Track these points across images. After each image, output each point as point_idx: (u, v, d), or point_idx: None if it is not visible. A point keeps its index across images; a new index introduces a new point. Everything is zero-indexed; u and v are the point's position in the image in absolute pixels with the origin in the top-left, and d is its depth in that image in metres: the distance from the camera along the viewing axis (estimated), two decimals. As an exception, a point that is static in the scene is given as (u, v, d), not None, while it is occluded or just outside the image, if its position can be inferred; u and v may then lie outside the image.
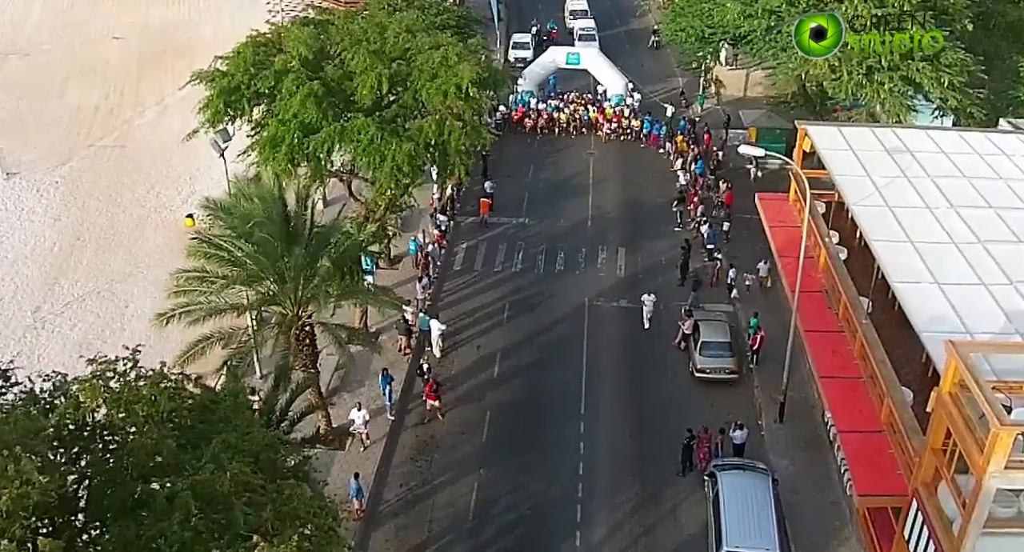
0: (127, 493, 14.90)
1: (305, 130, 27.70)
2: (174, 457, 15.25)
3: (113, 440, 16.06)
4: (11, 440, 13.21)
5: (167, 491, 13.99)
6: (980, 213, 28.64)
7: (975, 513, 19.56)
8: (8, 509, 11.44)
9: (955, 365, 20.41)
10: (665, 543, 26.38)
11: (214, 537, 13.10)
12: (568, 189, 44.16)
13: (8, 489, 11.78)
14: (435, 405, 29.82)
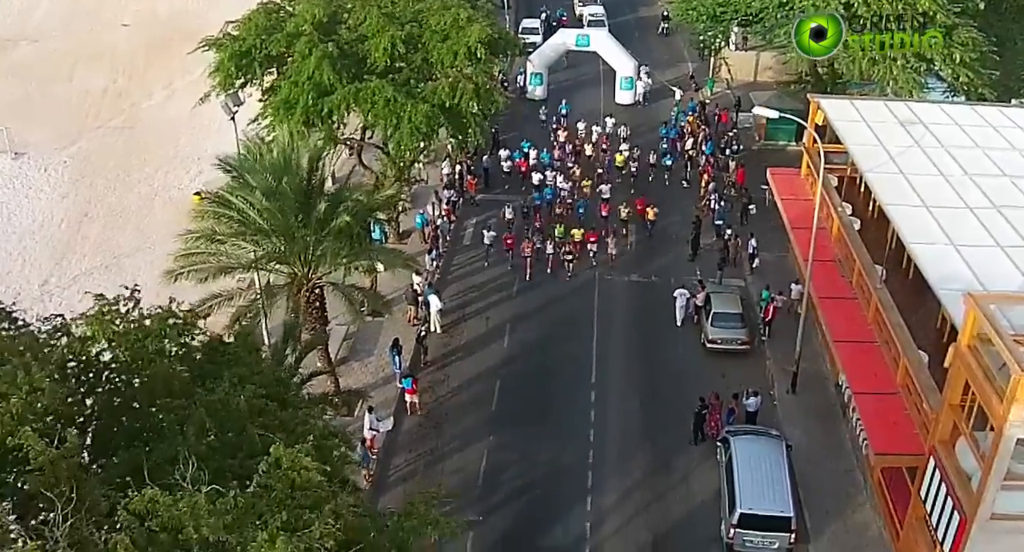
0: (137, 421, 14.67)
1: (319, 92, 27.56)
2: (186, 388, 15.03)
3: (120, 379, 15.83)
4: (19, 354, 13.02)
5: (179, 415, 13.74)
6: (995, 181, 28.41)
7: (995, 466, 19.27)
8: (18, 412, 11.22)
9: (974, 317, 20.14)
10: (677, 508, 26.15)
11: (228, 457, 12.84)
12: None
13: (17, 394, 11.57)
14: (414, 401, 29.12)
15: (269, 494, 10.80)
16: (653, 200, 38.82)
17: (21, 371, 12.07)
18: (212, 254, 25.55)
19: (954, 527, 20.61)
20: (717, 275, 35.09)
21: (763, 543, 24.05)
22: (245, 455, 13.08)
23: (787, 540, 23.96)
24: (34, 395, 11.74)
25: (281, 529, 9.86)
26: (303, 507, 10.58)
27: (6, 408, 11.24)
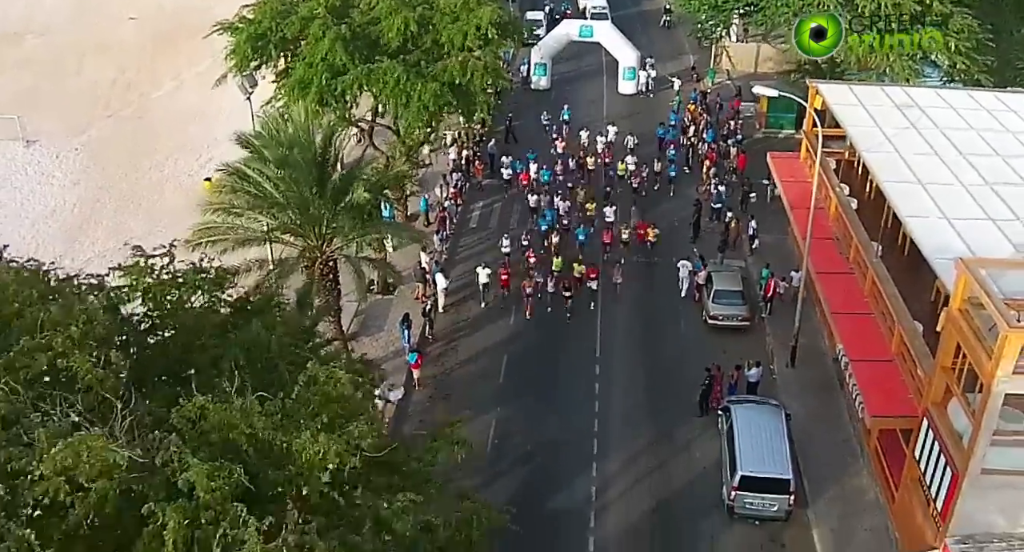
0: (171, 363, 15.54)
1: (333, 72, 28.63)
2: (217, 331, 15.97)
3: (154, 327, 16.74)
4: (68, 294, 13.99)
5: (213, 354, 14.63)
6: (988, 161, 29.39)
7: (984, 422, 20.25)
8: (76, 338, 12.17)
9: (965, 280, 21.16)
10: (679, 475, 27.12)
11: (261, 391, 13.77)
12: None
13: (75, 323, 12.52)
14: (416, 375, 29.89)
15: (307, 405, 11.76)
16: (653, 220, 37.77)
17: (78, 301, 13.04)
18: (230, 227, 26.48)
19: (946, 484, 21.60)
20: (718, 256, 36.06)
21: (763, 505, 25.04)
22: (277, 389, 14.03)
23: (786, 502, 24.94)
24: (90, 325, 12.70)
25: (322, 430, 10.83)
26: (340, 416, 11.55)
27: (65, 334, 12.21)
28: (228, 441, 10.44)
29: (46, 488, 9.50)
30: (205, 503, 9.61)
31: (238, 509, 9.54)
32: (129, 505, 9.84)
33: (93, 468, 9.60)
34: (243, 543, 9.22)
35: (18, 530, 9.19)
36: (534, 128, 47.18)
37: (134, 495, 9.90)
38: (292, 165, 25.95)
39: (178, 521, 9.35)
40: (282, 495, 9.97)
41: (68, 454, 9.56)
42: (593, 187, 40.79)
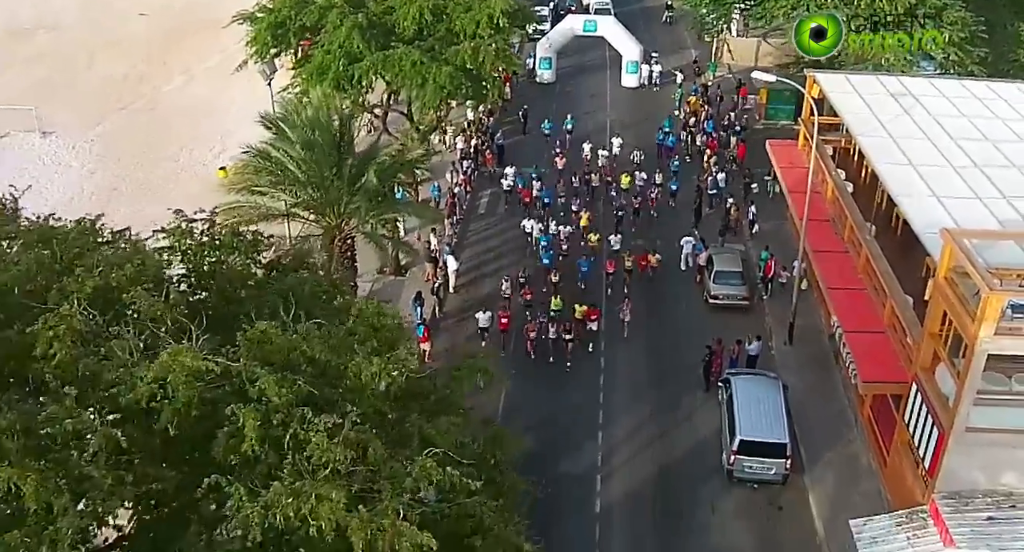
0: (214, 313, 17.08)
1: (350, 59, 30.30)
2: (257, 286, 17.53)
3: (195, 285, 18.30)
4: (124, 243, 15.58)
5: (253, 302, 16.16)
6: (978, 145, 30.95)
7: (968, 381, 21.80)
8: (131, 276, 13.75)
9: (950, 249, 22.76)
10: (681, 443, 28.73)
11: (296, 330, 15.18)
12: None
13: (129, 265, 14.12)
14: (426, 348, 30.80)
15: (355, 334, 13.30)
16: (654, 242, 37.29)
17: (131, 245, 14.65)
18: (253, 207, 28.06)
19: (933, 443, 23.16)
20: (719, 240, 37.65)
21: (761, 469, 26.66)
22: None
23: (783, 466, 26.55)
24: (143, 266, 14.29)
25: (372, 353, 12.37)
26: (385, 343, 13.10)
27: (121, 273, 13.80)
28: (288, 362, 11.97)
29: (138, 395, 11.08)
30: (275, 407, 11.15)
31: (304, 411, 11.09)
32: (207, 411, 11.40)
33: (180, 377, 11.16)
34: (310, 439, 10.76)
35: (106, 429, 10.75)
36: (536, 135, 47.18)
37: (211, 402, 11.46)
38: (313, 147, 27.50)
39: (254, 421, 10.89)
40: (339, 406, 11.51)
41: (161, 365, 11.13)
42: (594, 212, 39.38)
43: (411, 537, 10.12)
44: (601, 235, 37.10)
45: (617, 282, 35.23)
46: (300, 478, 10.38)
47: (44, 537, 9.72)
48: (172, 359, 11.16)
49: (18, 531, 9.75)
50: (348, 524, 9.95)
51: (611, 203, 39.92)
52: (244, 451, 10.82)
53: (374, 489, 10.64)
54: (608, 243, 36.78)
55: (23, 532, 9.75)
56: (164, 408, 11.09)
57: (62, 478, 10.07)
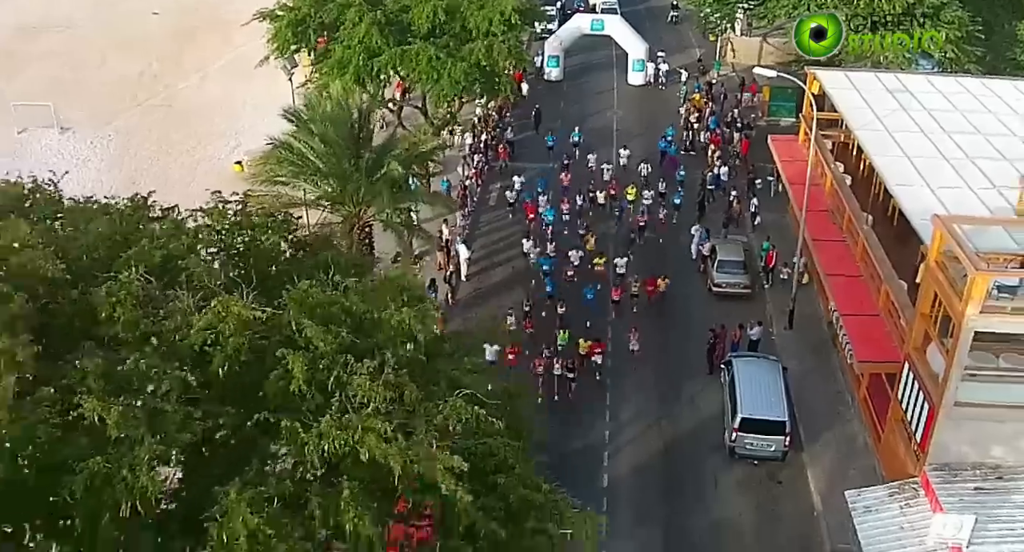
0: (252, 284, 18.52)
1: (369, 53, 31.89)
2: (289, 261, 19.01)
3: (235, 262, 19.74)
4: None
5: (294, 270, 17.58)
6: (970, 138, 32.45)
7: (956, 357, 23.24)
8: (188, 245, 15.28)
9: (940, 234, 24.22)
10: (685, 422, 30.21)
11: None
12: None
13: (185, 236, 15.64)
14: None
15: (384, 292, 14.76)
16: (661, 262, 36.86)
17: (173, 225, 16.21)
18: (275, 196, 29.54)
19: (924, 417, 24.61)
20: (723, 232, 39.11)
21: (761, 445, 28.11)
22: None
23: (782, 443, 28.00)
24: (197, 237, 15.79)
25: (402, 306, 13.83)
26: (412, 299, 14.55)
27: (179, 243, 15.34)
28: (329, 315, 13.40)
29: (193, 340, 12.55)
30: (320, 353, 12.60)
31: (347, 357, 12.53)
32: (256, 357, 12.86)
33: (229, 326, 12.62)
34: (352, 381, 12.17)
35: (175, 372, 12.20)
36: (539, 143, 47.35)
37: (260, 350, 12.92)
38: (333, 138, 28.99)
39: (301, 364, 12.32)
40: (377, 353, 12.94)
41: (214, 314, 12.59)
42: (599, 234, 38.51)
43: (444, 462, 11.53)
44: (607, 258, 36.32)
45: (624, 309, 34.58)
46: (345, 414, 11.82)
47: (124, 462, 11.17)
48: (223, 307, 12.63)
49: (101, 457, 11.21)
50: (387, 453, 11.36)
51: (617, 220, 39.80)
52: (292, 391, 12.27)
53: (410, 427, 12.05)
54: (614, 267, 35.88)
55: (105, 458, 11.20)
56: (216, 354, 12.55)
57: (138, 413, 11.52)
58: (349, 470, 11.59)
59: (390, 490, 12.01)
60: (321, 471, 11.48)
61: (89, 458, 11.18)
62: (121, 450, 11.25)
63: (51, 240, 15.13)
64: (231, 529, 10.44)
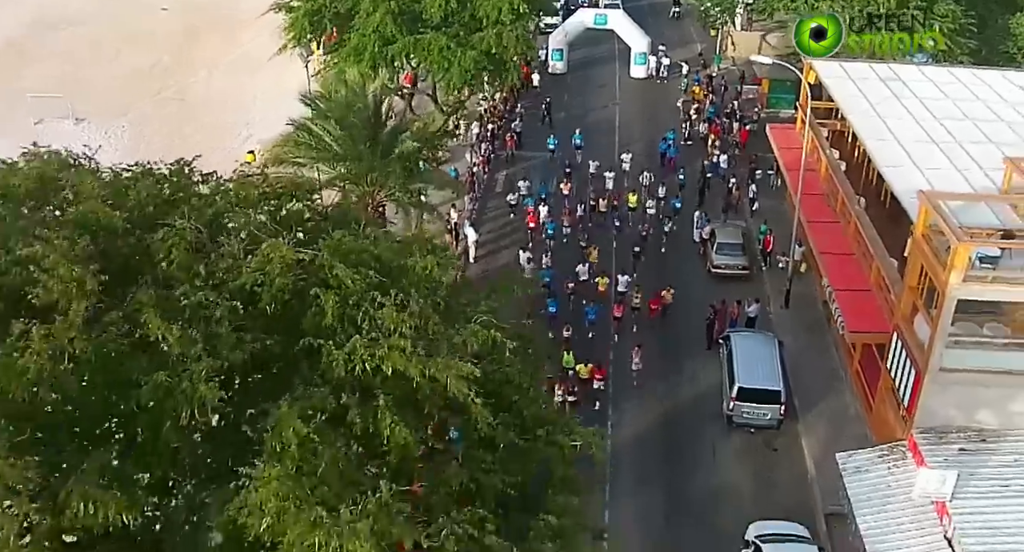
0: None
1: (384, 41, 33.60)
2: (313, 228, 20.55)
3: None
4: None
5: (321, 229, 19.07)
6: (960, 123, 34.02)
7: (940, 324, 24.79)
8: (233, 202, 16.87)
9: (926, 209, 25.80)
10: (685, 394, 31.78)
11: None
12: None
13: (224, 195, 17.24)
14: None
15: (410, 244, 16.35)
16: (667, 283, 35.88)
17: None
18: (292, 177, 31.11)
19: (912, 383, 26.15)
20: (722, 217, 40.73)
21: (757, 414, 29.69)
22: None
23: (777, 411, 29.59)
24: (239, 197, 17.41)
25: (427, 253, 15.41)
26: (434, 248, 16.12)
27: (225, 200, 16.94)
28: (360, 260, 14.92)
29: (244, 280, 14.11)
30: (350, 292, 14.14)
31: (375, 295, 14.06)
32: (296, 297, 14.44)
33: (275, 268, 14.17)
34: (380, 314, 13.71)
35: (228, 303, 13.76)
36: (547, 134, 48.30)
37: (300, 291, 14.47)
38: (349, 121, 30.64)
39: (334, 301, 13.86)
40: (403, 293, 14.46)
41: (263, 256, 14.17)
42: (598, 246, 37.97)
43: (458, 369, 13.02)
44: (609, 276, 35.89)
45: (626, 327, 34.40)
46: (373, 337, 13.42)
47: (184, 376, 12.70)
48: (271, 250, 14.21)
49: (164, 372, 12.75)
50: (409, 365, 12.92)
51: (618, 233, 39.72)
52: (326, 325, 13.83)
53: (431, 350, 13.58)
54: (616, 283, 35.49)
55: (167, 373, 12.74)
56: (263, 293, 14.11)
57: (196, 335, 13.07)
58: (380, 388, 13.12)
59: (419, 409, 13.53)
60: (356, 394, 12.99)
61: (153, 373, 12.75)
62: (181, 367, 12.80)
63: (107, 195, 16.73)
64: (283, 437, 11.98)
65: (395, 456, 12.73)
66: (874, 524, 24.48)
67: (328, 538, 11.08)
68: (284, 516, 11.48)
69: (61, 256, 13.47)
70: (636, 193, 41.59)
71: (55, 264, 13.27)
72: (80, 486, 11.57)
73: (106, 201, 16.38)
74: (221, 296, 13.79)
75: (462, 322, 14.52)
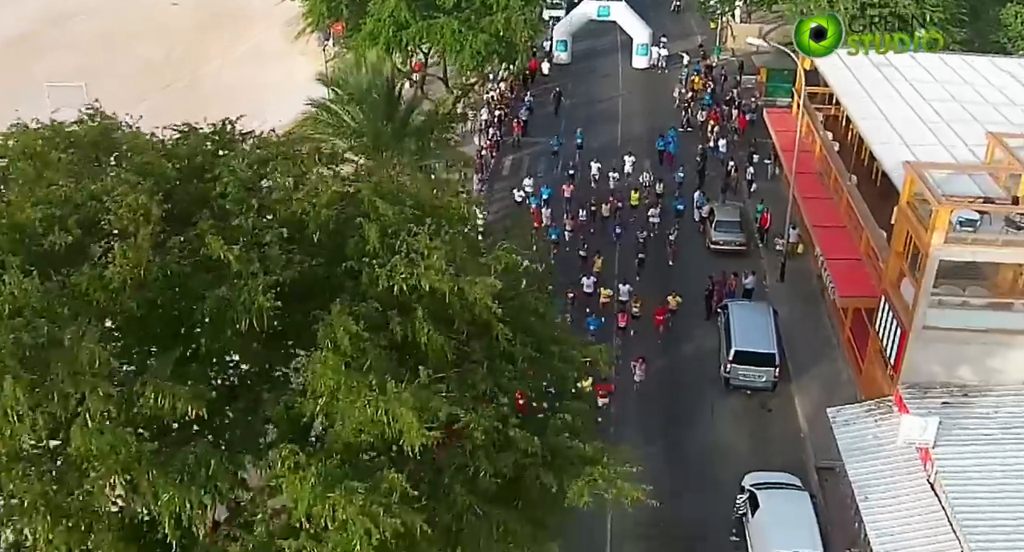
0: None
1: (398, 26, 35.75)
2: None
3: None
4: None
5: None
6: (947, 105, 35.99)
7: (924, 284, 26.74)
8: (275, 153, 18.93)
9: (911, 179, 27.80)
10: (686, 356, 33.70)
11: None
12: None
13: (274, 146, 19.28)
14: None
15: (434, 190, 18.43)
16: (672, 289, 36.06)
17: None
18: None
19: (898, 341, 28.11)
20: (721, 198, 42.76)
21: (753, 376, 31.69)
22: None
23: (772, 374, 31.61)
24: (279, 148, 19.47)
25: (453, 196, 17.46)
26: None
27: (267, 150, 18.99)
28: (396, 198, 16.91)
29: (294, 209, 16.12)
30: (390, 223, 16.09)
31: (412, 226, 16.01)
32: (340, 225, 16.44)
33: (322, 199, 16.18)
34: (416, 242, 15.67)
35: (278, 230, 15.74)
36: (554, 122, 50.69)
37: (343, 221, 16.47)
38: (366, 99, 32.67)
39: (375, 230, 15.83)
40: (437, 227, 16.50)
41: (311, 185, 16.20)
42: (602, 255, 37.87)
43: (483, 284, 14.85)
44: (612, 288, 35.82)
45: (630, 337, 34.61)
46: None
47: (243, 290, 14.63)
48: (319, 181, 16.22)
49: (224, 286, 14.70)
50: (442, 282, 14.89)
51: (618, 240, 39.73)
52: (368, 250, 15.81)
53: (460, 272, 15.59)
54: (617, 292, 35.45)
55: (227, 286, 14.69)
56: (310, 221, 16.11)
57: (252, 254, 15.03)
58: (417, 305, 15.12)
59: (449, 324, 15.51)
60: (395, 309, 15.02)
61: (214, 289, 14.73)
62: (240, 282, 14.77)
63: (159, 150, 18.78)
64: (335, 333, 13.94)
65: (430, 360, 14.70)
66: (862, 470, 26.42)
67: (376, 407, 13.04)
68: (337, 394, 13.45)
69: (129, 189, 15.47)
70: (638, 191, 42.40)
71: (124, 195, 15.27)
72: (153, 380, 13.53)
73: (160, 153, 18.42)
74: (272, 224, 15.78)
75: (488, 249, 16.54)
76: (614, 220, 40.69)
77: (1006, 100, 36.26)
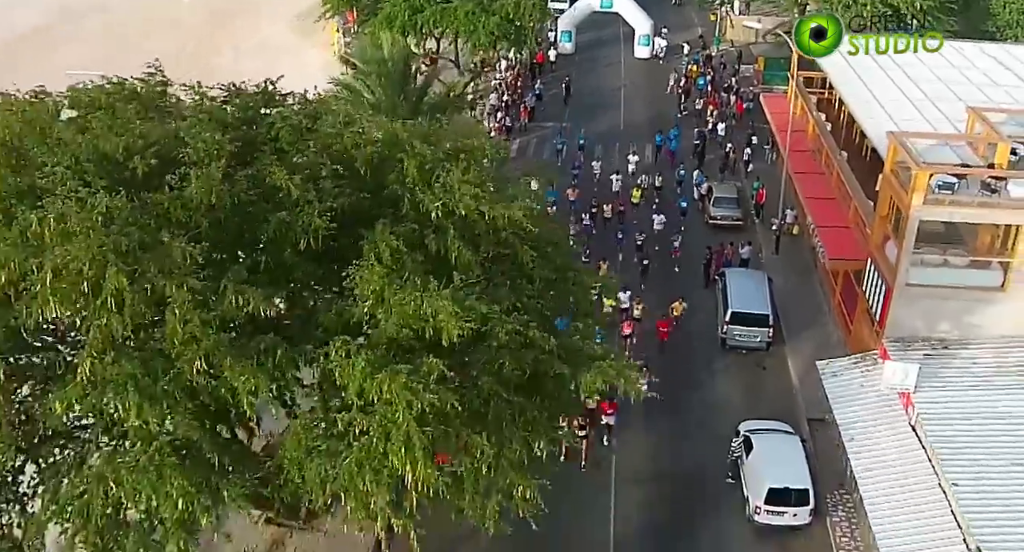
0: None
1: (413, 10, 38.42)
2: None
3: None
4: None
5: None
6: (934, 86, 38.58)
7: (905, 243, 29.18)
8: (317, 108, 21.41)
9: (894, 147, 30.29)
10: (685, 322, 36.04)
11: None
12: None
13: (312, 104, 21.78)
14: None
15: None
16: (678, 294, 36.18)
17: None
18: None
19: (883, 299, 30.55)
20: (719, 177, 45.30)
21: (748, 336, 34.11)
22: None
23: (766, 334, 34.05)
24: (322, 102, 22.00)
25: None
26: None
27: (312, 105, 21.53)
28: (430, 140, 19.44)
29: (345, 143, 18.67)
30: (426, 160, 18.57)
31: (445, 164, 18.49)
32: (381, 162, 18.96)
33: (366, 138, 18.71)
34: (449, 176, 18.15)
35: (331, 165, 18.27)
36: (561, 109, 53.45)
37: (386, 158, 19.01)
38: (384, 77, 35.20)
39: (414, 165, 18.32)
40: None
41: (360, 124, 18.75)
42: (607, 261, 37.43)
43: (510, 209, 17.41)
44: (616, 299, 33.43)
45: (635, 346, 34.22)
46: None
47: (301, 216, 17.10)
48: (369, 121, 18.76)
49: (284, 212, 17.16)
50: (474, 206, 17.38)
51: (620, 244, 40.07)
52: (407, 183, 18.32)
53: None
54: (618, 301, 33.82)
55: (286, 212, 17.17)
56: (358, 156, 18.65)
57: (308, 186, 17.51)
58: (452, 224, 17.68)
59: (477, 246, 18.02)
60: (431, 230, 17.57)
61: (276, 213, 17.22)
62: (298, 207, 17.26)
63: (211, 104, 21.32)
64: (379, 247, 16.42)
65: (460, 272, 17.20)
66: (848, 414, 28.85)
67: (418, 304, 15.53)
68: (383, 294, 15.95)
69: (203, 128, 17.99)
70: (639, 188, 43.28)
71: (200, 132, 17.78)
72: (231, 281, 15.99)
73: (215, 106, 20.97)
74: (326, 161, 18.31)
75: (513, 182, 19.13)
76: (617, 223, 41.12)
77: (989, 81, 38.84)
